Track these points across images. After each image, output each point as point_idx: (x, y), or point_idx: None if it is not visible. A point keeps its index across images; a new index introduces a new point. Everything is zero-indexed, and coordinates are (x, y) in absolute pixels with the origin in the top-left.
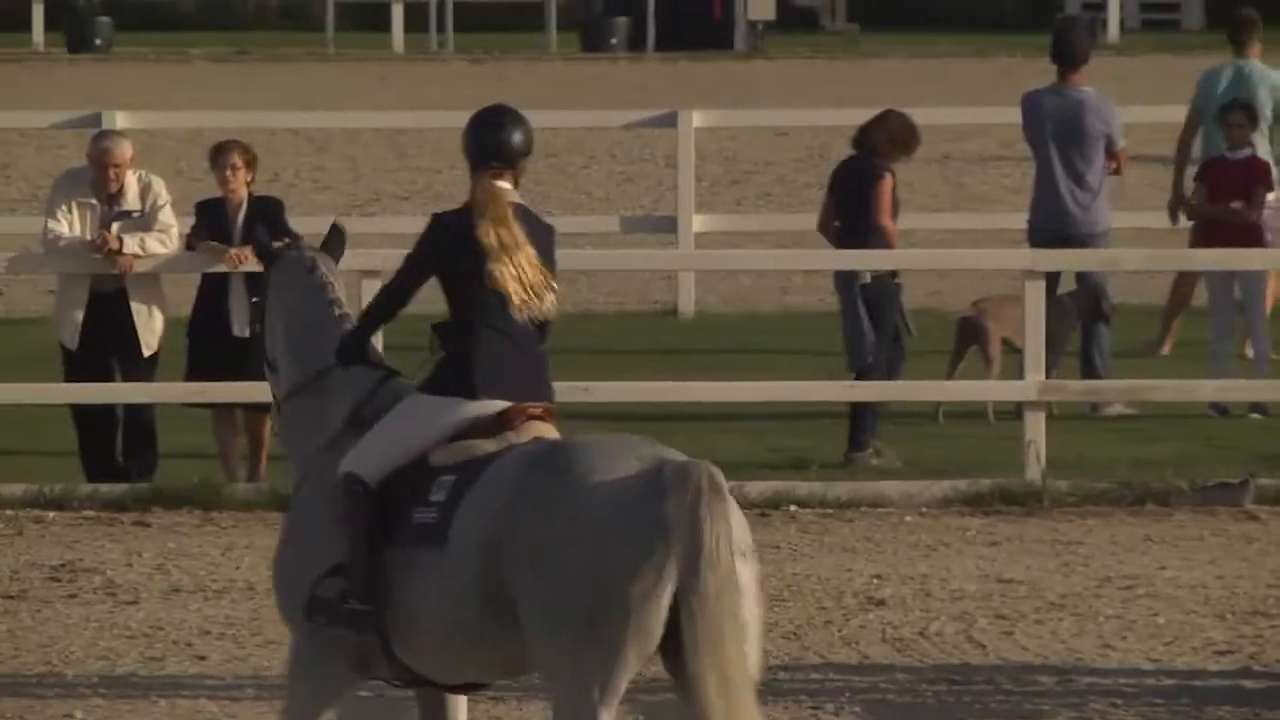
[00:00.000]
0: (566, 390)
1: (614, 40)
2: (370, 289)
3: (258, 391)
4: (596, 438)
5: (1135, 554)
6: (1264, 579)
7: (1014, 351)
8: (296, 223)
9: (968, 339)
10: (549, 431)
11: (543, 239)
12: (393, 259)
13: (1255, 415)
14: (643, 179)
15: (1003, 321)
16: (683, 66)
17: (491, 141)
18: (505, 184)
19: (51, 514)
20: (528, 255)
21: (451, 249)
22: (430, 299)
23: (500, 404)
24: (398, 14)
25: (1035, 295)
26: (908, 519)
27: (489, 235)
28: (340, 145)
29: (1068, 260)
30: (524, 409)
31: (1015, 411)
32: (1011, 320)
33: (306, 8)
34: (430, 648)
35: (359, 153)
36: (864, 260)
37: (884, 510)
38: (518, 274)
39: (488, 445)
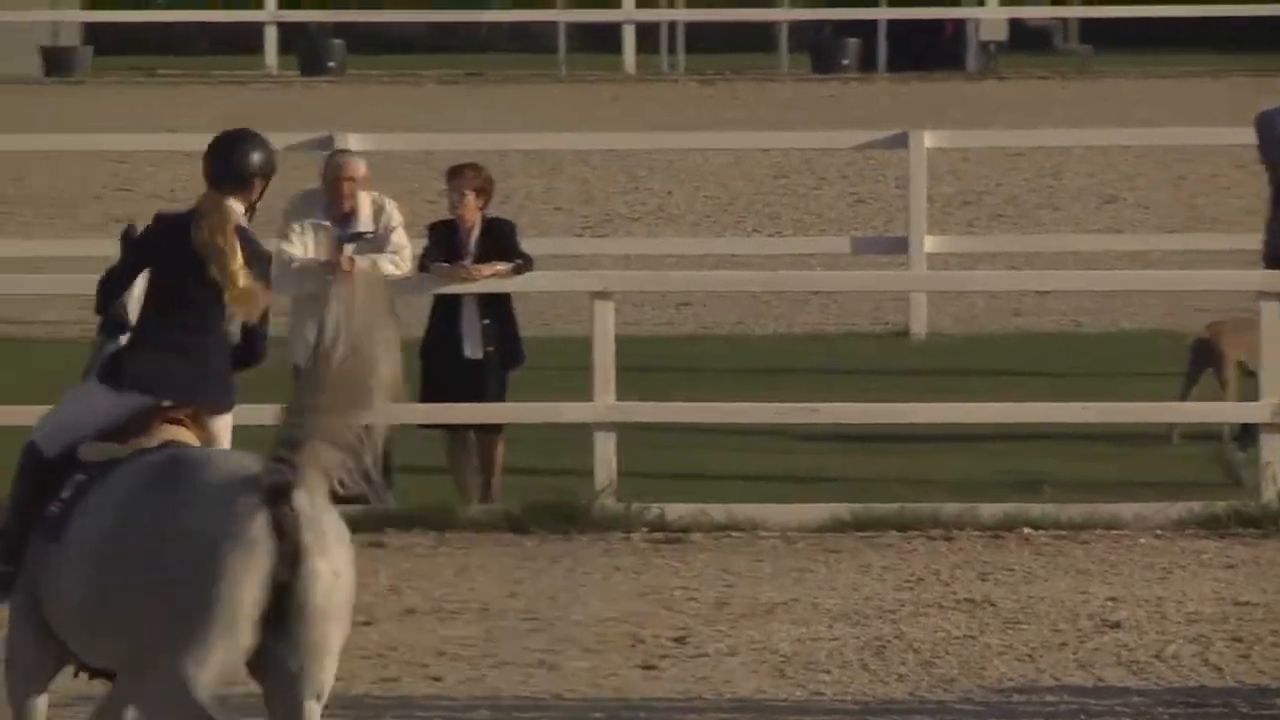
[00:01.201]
0: (795, 411)
1: (845, 61)
2: (602, 310)
3: (490, 413)
4: (207, 452)
5: None
6: None
7: (1249, 375)
8: (528, 244)
9: (1202, 361)
10: (184, 435)
11: (257, 261)
12: (624, 280)
13: None
14: (874, 200)
15: (1238, 344)
16: (914, 87)
17: (224, 164)
18: (235, 203)
19: None
20: (240, 263)
21: (168, 244)
22: None
23: (140, 403)
24: (629, 35)
25: (1270, 318)
26: (1142, 541)
27: (203, 238)
28: (572, 167)
29: None
30: (162, 411)
31: (1239, 436)
32: (1247, 343)
33: (537, 30)
34: (64, 627)
35: (590, 174)
36: (1104, 280)
37: (1118, 532)
38: (231, 278)
39: (120, 449)
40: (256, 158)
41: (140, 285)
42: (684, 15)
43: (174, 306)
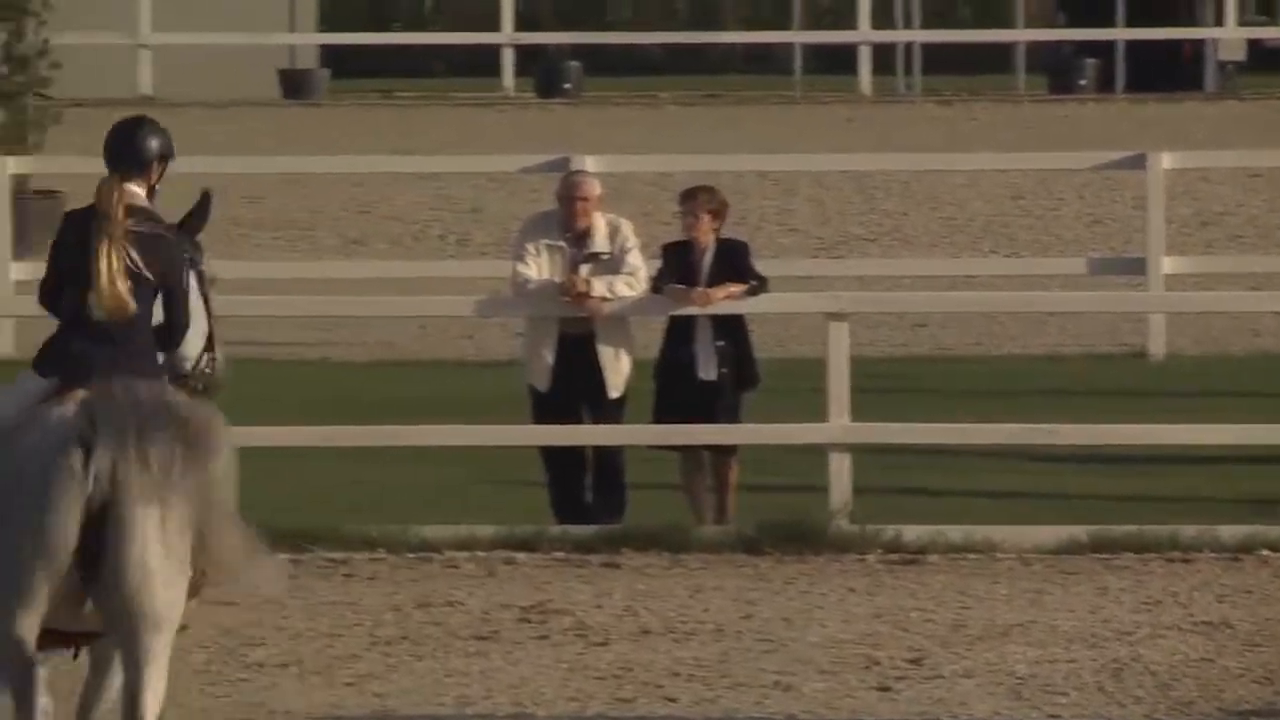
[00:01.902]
0: (1032, 433)
1: (1082, 81)
2: (837, 331)
3: (724, 434)
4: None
5: None
6: None
7: None
8: (763, 265)
9: None
10: None
11: (151, 246)
12: (859, 301)
13: None
14: (1111, 221)
15: None
16: (1151, 108)
17: (122, 149)
18: (134, 186)
19: (522, 555)
20: (110, 264)
21: (74, 237)
22: None
23: (47, 385)
24: (865, 56)
25: None
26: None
27: (96, 225)
28: (807, 188)
29: None
30: (61, 390)
31: None
32: None
33: (773, 51)
34: None
35: (825, 195)
36: None
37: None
38: (104, 273)
39: None
40: (154, 142)
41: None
42: (920, 36)
43: (75, 302)
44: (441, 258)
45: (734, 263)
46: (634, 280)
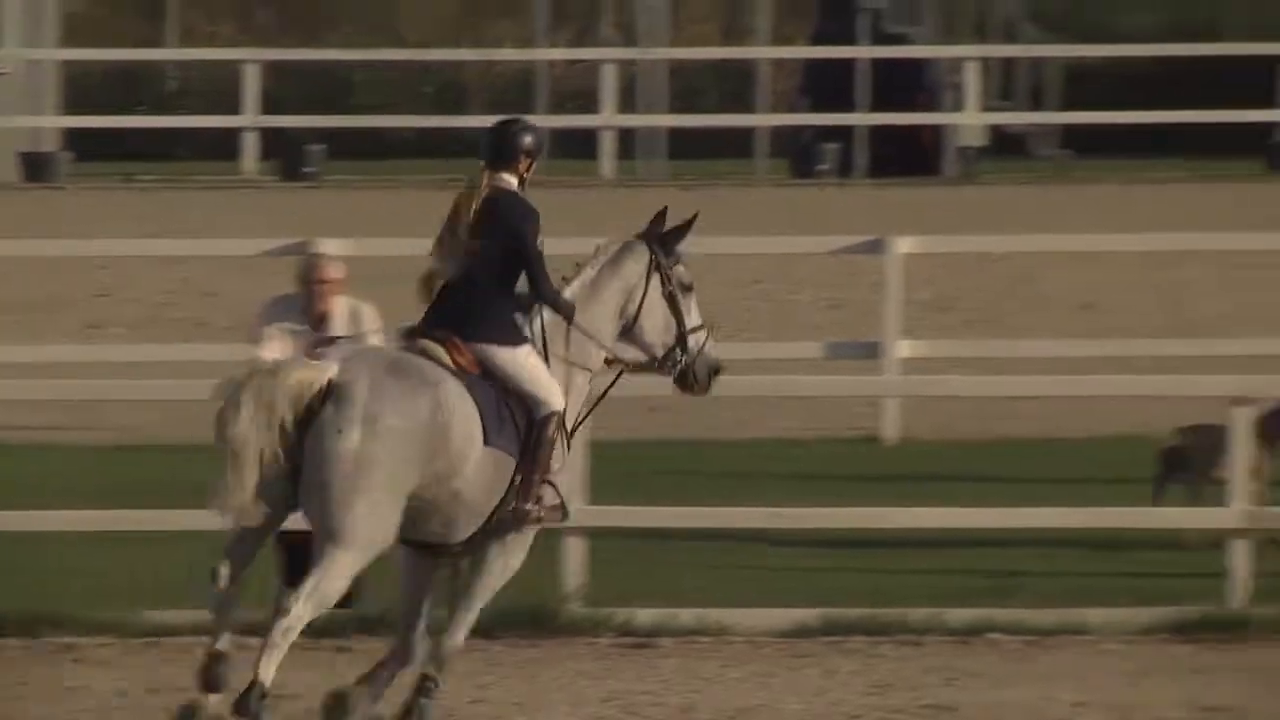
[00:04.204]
0: (761, 516)
1: (823, 166)
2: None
3: None
4: None
5: None
6: None
7: (1216, 483)
8: None
9: (1173, 467)
10: None
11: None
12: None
13: None
14: (850, 305)
15: (1206, 449)
16: (891, 193)
17: (490, 142)
18: (506, 175)
19: (256, 640)
20: None
21: None
22: None
23: None
24: (608, 140)
25: (1241, 423)
26: (1111, 646)
27: None
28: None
29: (1275, 386)
30: None
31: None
32: (1216, 448)
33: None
34: None
35: None
36: (1079, 385)
37: (1087, 637)
38: None
39: None
40: (523, 139)
41: None
42: (663, 120)
43: None
44: (180, 341)
45: None
46: None
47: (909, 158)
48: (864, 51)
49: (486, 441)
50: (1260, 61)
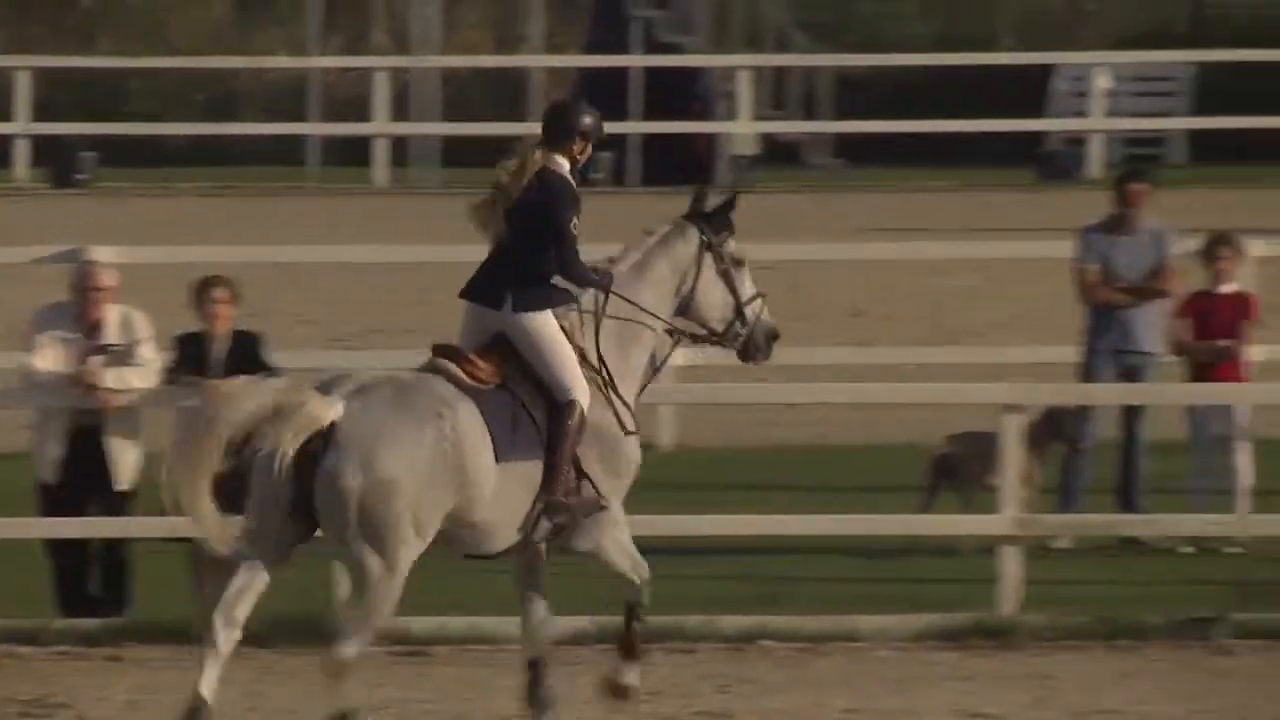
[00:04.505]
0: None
1: (598, 175)
2: None
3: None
4: None
5: (1110, 688)
6: (1237, 714)
7: (987, 489)
8: (279, 357)
9: (942, 474)
10: None
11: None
12: None
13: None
14: None
15: (976, 457)
16: (664, 201)
17: (546, 122)
18: (557, 156)
19: (25, 649)
20: None
21: None
22: None
23: None
24: (381, 148)
25: (1011, 430)
26: (881, 653)
27: None
28: (325, 279)
29: (1044, 394)
30: None
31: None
32: (986, 455)
33: (292, 144)
34: None
35: (344, 287)
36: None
37: (857, 645)
38: None
39: None
40: (578, 120)
41: None
42: (440, 129)
43: None
44: None
45: (248, 354)
46: (146, 372)
47: (683, 166)
48: (637, 60)
49: (501, 458)
50: (1030, 71)
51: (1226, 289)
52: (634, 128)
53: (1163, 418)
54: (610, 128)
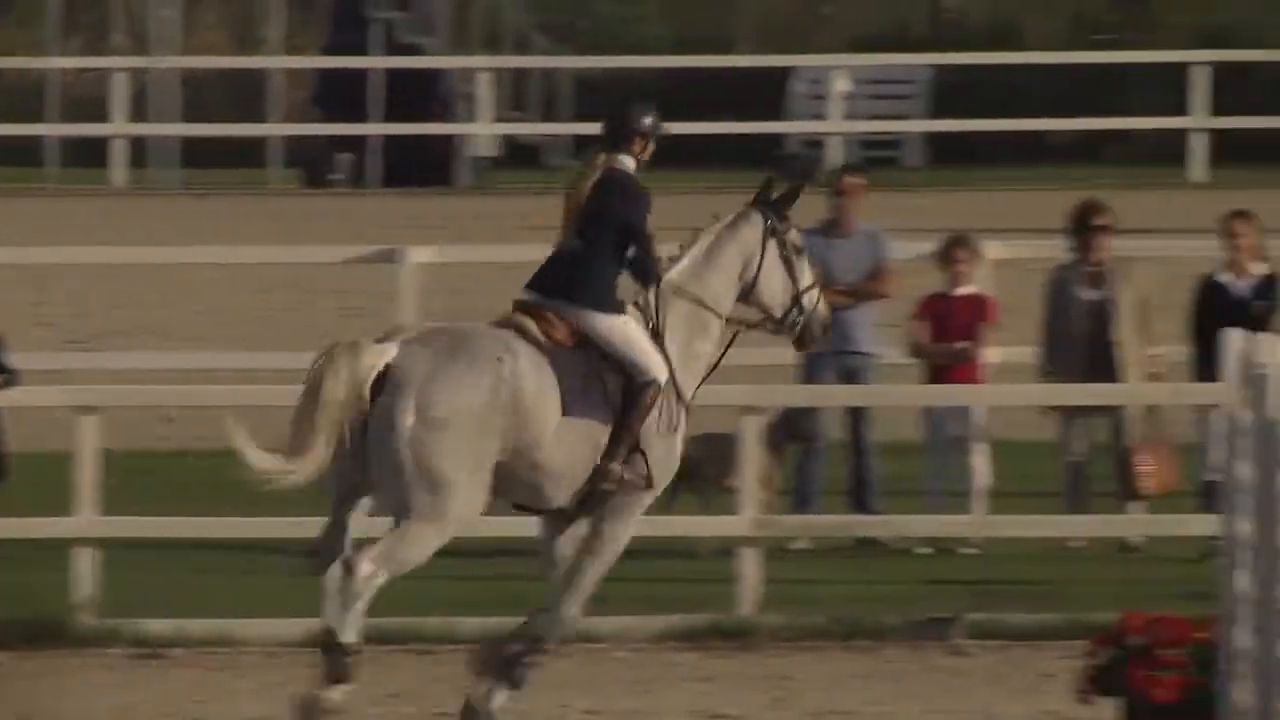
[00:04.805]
0: (280, 526)
1: (337, 176)
2: (86, 425)
3: None
4: None
5: (847, 689)
6: (973, 713)
7: (726, 491)
8: (16, 358)
9: (683, 475)
10: None
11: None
12: (108, 394)
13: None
14: (368, 314)
15: (714, 458)
16: (405, 202)
17: (609, 123)
18: (622, 156)
19: None
20: None
21: None
22: None
23: None
24: (119, 149)
25: (750, 431)
26: (619, 654)
27: None
28: (62, 281)
29: (783, 396)
30: None
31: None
32: (724, 457)
33: (28, 143)
34: None
35: (81, 288)
36: None
37: (598, 646)
38: None
39: None
40: (640, 120)
41: None
42: (175, 130)
43: None
44: None
45: None
46: None
47: (423, 167)
48: (377, 62)
49: (566, 412)
50: (769, 74)
51: (963, 291)
52: (374, 129)
53: (898, 419)
54: (349, 129)
